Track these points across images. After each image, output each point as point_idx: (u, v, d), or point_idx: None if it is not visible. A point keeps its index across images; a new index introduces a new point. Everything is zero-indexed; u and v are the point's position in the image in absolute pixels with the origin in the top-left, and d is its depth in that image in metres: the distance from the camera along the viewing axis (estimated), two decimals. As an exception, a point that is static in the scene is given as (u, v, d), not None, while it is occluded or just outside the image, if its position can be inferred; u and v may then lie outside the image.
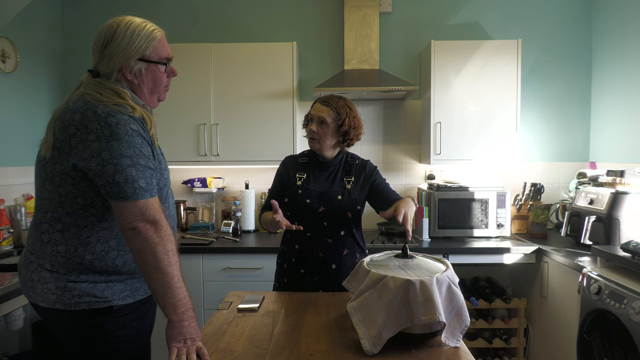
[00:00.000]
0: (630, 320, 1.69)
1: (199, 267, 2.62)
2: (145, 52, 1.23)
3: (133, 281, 1.29)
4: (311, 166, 1.84)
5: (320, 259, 1.76)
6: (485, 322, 2.70)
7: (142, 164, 1.17)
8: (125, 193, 1.13)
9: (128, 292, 1.27)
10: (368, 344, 1.14)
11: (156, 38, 1.25)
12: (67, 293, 1.21)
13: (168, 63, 1.30)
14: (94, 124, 1.13)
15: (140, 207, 1.14)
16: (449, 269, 1.25)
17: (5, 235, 2.46)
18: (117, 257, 1.24)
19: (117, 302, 1.24)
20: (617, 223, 2.26)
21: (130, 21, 1.24)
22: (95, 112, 1.15)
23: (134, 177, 1.14)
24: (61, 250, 1.21)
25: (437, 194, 2.83)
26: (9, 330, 1.96)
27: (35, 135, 2.92)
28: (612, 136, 2.95)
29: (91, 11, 3.25)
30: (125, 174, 1.13)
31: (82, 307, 1.21)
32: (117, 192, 1.13)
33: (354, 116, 1.78)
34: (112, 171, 1.12)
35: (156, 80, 1.28)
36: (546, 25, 3.16)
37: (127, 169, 1.13)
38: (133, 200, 1.14)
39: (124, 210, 1.14)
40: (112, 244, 1.23)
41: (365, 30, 2.99)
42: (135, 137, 1.16)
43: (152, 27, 1.26)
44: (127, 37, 1.21)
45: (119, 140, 1.13)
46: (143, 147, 1.18)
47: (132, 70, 1.23)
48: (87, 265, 1.21)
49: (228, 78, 2.92)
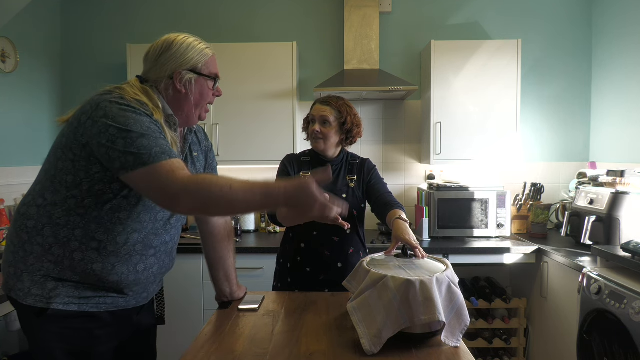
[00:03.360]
0: (630, 320, 1.69)
1: (199, 267, 2.62)
2: (197, 65, 1.28)
3: (86, 290, 1.18)
4: (314, 165, 1.84)
5: (326, 257, 1.76)
6: (485, 322, 2.70)
7: (153, 136, 1.10)
8: (141, 159, 1.05)
9: (74, 299, 1.16)
10: (368, 343, 1.14)
11: (208, 55, 1.31)
12: (19, 284, 1.16)
13: (216, 80, 1.33)
14: (105, 103, 1.11)
15: (165, 168, 1.05)
16: (449, 268, 1.25)
17: (5, 235, 2.46)
18: (76, 250, 1.15)
19: (57, 306, 1.14)
20: (617, 223, 2.26)
21: (187, 37, 1.30)
22: (111, 97, 1.14)
23: (145, 145, 1.07)
24: (30, 225, 1.16)
25: (437, 194, 2.83)
26: (9, 330, 1.96)
27: (35, 135, 2.93)
28: (612, 136, 2.95)
29: (91, 11, 3.25)
30: (137, 144, 1.07)
31: (28, 302, 1.15)
32: (132, 161, 1.05)
33: (354, 114, 1.80)
34: (123, 144, 1.07)
35: (203, 94, 1.31)
36: (546, 25, 3.16)
37: (138, 139, 1.07)
38: (152, 164, 1.05)
39: (147, 178, 1.05)
40: (77, 234, 1.15)
41: (365, 30, 2.99)
42: (144, 117, 1.13)
43: (205, 45, 1.31)
44: (183, 48, 1.26)
45: (126, 117, 1.10)
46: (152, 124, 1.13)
47: (183, 79, 1.26)
48: (47, 249, 1.15)
49: (228, 78, 2.91)
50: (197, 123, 1.37)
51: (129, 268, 1.22)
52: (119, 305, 1.24)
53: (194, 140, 1.43)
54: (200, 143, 1.48)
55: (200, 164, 1.44)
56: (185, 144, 1.37)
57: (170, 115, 1.26)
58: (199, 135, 1.48)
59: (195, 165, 1.41)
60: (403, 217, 1.54)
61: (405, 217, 1.56)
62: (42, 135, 2.98)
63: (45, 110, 3.01)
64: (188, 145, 1.38)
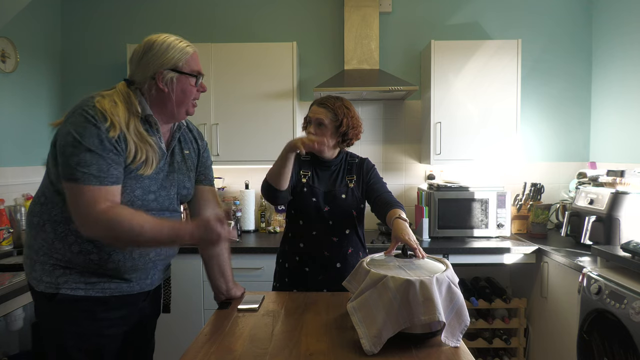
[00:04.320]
0: (630, 320, 1.69)
1: (199, 267, 2.61)
2: (177, 64, 1.31)
3: (90, 276, 1.27)
4: (313, 165, 1.84)
5: (325, 257, 1.76)
6: (485, 322, 2.70)
7: (98, 154, 1.17)
8: (74, 175, 1.15)
9: (81, 285, 1.25)
10: (368, 343, 1.14)
11: (189, 53, 1.33)
12: (33, 272, 1.27)
13: (199, 77, 1.35)
14: (79, 110, 1.20)
15: (88, 195, 1.15)
16: (449, 268, 1.25)
17: (5, 235, 2.46)
18: (73, 243, 1.24)
19: (65, 291, 1.24)
20: (617, 223, 2.26)
21: (167, 37, 1.33)
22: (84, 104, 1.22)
23: (86, 161, 1.16)
24: (35, 221, 1.28)
25: (437, 194, 2.83)
26: (9, 330, 1.96)
27: (35, 135, 2.93)
28: (612, 136, 2.95)
29: (91, 11, 3.25)
30: (80, 157, 1.15)
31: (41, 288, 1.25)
32: (67, 173, 1.16)
33: (352, 116, 1.77)
34: (70, 152, 1.16)
35: (185, 91, 1.33)
36: (546, 25, 3.16)
37: (83, 152, 1.16)
38: (80, 184, 1.15)
39: (72, 194, 1.17)
40: (73, 229, 1.23)
41: (365, 30, 2.99)
42: (102, 132, 1.19)
43: (185, 43, 1.34)
44: (163, 48, 1.30)
45: (84, 128, 1.17)
46: (105, 141, 1.19)
47: (164, 78, 1.30)
48: (50, 244, 1.25)
49: (228, 78, 2.92)
50: (186, 118, 1.41)
51: (125, 255, 1.29)
52: (123, 290, 1.31)
53: (186, 138, 1.47)
54: (194, 141, 1.51)
55: (192, 162, 1.47)
56: (173, 141, 1.40)
57: (150, 115, 1.31)
58: (194, 134, 1.52)
59: (186, 162, 1.44)
60: (403, 217, 1.54)
61: (405, 216, 1.55)
62: (42, 135, 2.98)
63: (45, 110, 3.00)
64: (175, 142, 1.41)
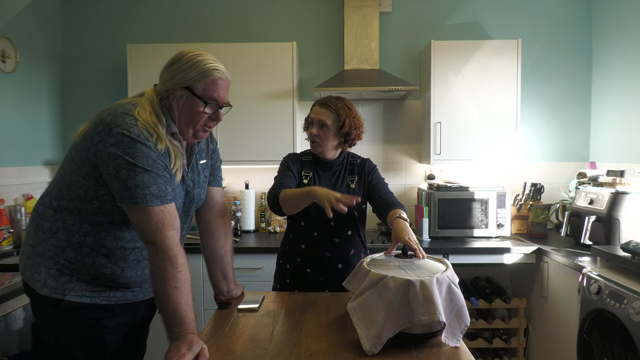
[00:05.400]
0: (630, 320, 1.69)
1: (199, 267, 2.62)
2: (193, 84, 1.24)
3: (97, 284, 1.27)
4: (315, 165, 1.83)
5: (326, 258, 1.75)
6: (485, 322, 2.70)
7: (155, 173, 1.17)
8: (135, 198, 1.15)
9: (87, 292, 1.25)
10: (368, 343, 1.14)
11: (211, 76, 1.25)
12: (36, 275, 1.25)
13: (209, 103, 1.26)
14: (117, 129, 1.15)
15: (154, 218, 1.15)
16: (449, 269, 1.25)
17: (5, 235, 2.46)
18: (87, 255, 1.24)
19: (71, 298, 1.23)
20: (617, 223, 2.26)
21: (198, 54, 1.26)
22: (123, 121, 1.17)
23: (145, 182, 1.15)
24: (46, 226, 1.25)
25: (437, 194, 2.83)
26: (9, 330, 1.96)
27: (35, 135, 2.93)
28: (612, 136, 2.95)
29: (91, 11, 3.25)
30: (138, 179, 1.14)
31: (45, 292, 1.23)
32: (127, 197, 1.15)
33: (354, 116, 1.76)
34: (125, 176, 1.14)
35: (192, 115, 1.26)
36: (546, 25, 3.16)
37: (140, 174, 1.15)
38: (144, 206, 1.15)
39: (137, 216, 1.16)
40: (88, 241, 1.23)
41: (365, 30, 2.99)
42: (151, 151, 1.17)
43: (213, 66, 1.26)
44: (186, 65, 1.24)
45: (134, 149, 1.15)
46: (158, 159, 1.18)
47: (176, 95, 1.25)
48: (60, 251, 1.24)
49: (228, 78, 2.92)
50: (192, 141, 1.34)
51: (137, 272, 1.30)
52: (127, 298, 1.32)
53: (201, 147, 1.44)
54: (207, 147, 1.49)
55: (207, 170, 1.47)
56: (192, 155, 1.37)
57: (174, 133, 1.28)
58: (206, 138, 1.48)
59: (203, 172, 1.43)
60: (403, 216, 1.54)
61: (406, 216, 1.55)
62: (42, 136, 2.98)
63: (45, 110, 3.00)
64: (194, 156, 1.39)
